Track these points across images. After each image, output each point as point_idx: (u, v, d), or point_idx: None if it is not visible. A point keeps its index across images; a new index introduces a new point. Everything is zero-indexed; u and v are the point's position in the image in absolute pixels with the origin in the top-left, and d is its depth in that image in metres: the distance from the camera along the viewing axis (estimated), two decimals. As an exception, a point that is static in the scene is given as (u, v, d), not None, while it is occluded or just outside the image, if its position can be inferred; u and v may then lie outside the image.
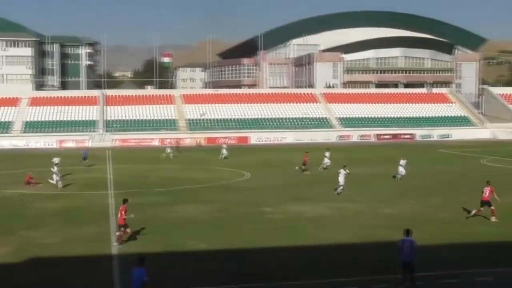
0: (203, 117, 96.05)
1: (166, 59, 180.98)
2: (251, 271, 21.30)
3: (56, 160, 47.68)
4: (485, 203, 29.82)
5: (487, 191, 30.15)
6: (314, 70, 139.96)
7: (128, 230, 25.29)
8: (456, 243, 25.09)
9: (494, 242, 25.22)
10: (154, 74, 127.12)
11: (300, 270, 21.34)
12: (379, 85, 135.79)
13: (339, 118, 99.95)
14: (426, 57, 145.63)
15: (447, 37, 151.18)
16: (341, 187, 38.24)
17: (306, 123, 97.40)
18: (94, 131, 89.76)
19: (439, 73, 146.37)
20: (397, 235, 25.87)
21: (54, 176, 43.00)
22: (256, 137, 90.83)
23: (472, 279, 20.04)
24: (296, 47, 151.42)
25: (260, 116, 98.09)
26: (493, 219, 29.43)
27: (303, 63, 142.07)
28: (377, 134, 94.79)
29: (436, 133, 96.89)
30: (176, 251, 24.06)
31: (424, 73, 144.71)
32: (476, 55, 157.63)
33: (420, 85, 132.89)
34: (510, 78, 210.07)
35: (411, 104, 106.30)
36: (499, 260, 22.35)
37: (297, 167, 51.56)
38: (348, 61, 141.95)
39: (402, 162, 46.40)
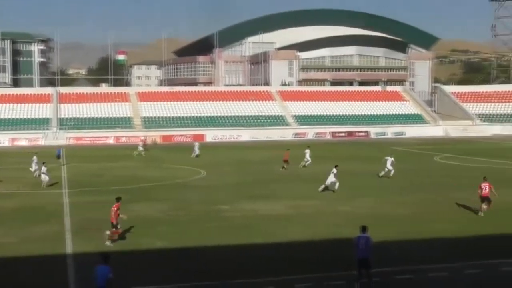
0: None
1: (121, 57, 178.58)
2: (207, 269, 21.20)
3: (35, 158, 47.36)
4: (485, 198, 30.30)
5: (486, 187, 30.60)
6: (269, 68, 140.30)
7: (120, 229, 24.95)
8: (412, 239, 25.37)
9: (449, 238, 25.59)
10: (109, 72, 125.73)
11: (256, 268, 21.32)
12: (334, 83, 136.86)
13: (295, 115, 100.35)
14: (380, 55, 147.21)
15: (401, 36, 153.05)
16: (334, 186, 37.84)
17: (261, 121, 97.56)
18: (47, 129, 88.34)
19: (393, 71, 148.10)
20: (354, 233, 26.02)
21: (43, 175, 41.92)
22: (212, 135, 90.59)
23: (426, 275, 20.28)
24: (251, 45, 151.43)
25: (215, 114, 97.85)
26: (480, 213, 30.03)
27: (259, 61, 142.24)
28: (333, 132, 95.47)
29: (390, 131, 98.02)
30: (132, 249, 23.83)
31: (378, 71, 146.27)
32: (429, 54, 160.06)
33: (375, 83, 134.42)
34: (462, 77, 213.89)
35: (365, 102, 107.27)
36: (453, 256, 22.68)
37: (285, 166, 50.93)
38: (303, 59, 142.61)
39: (389, 159, 45.50)
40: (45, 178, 41.38)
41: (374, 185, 41.60)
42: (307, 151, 53.08)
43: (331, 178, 37.88)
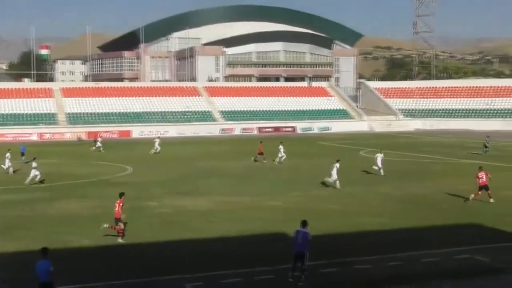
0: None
1: (44, 51, 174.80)
2: (136, 265, 21.06)
3: (8, 155, 46.51)
4: (483, 187, 31.96)
5: (483, 176, 32.15)
6: (196, 63, 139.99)
7: (122, 225, 24.70)
8: (341, 233, 25.80)
9: (376, 231, 26.18)
10: (32, 67, 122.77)
11: (185, 263, 21.29)
12: (261, 78, 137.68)
13: (222, 111, 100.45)
14: (306, 51, 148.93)
15: (326, 33, 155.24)
16: (334, 181, 37.78)
17: (188, 116, 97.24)
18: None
19: (319, 67, 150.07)
20: (281, 227, 26.47)
21: (33, 171, 40.38)
22: (138, 131, 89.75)
23: (352, 267, 20.71)
24: (178, 40, 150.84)
25: (142, 110, 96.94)
26: (491, 200, 31.72)
27: (185, 56, 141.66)
28: (259, 127, 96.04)
29: (316, 126, 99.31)
30: (59, 248, 23.36)
31: (304, 67, 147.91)
32: (353, 50, 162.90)
33: (301, 79, 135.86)
34: (385, 73, 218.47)
35: (292, 98, 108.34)
36: (379, 248, 23.20)
37: (264, 161, 51.57)
38: (230, 55, 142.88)
39: (379, 156, 44.71)
40: (34, 173, 40.09)
41: (303, 180, 42.03)
42: (281, 147, 52.82)
43: (334, 175, 37.72)
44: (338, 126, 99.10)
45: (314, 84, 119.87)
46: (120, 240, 24.30)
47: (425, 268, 20.55)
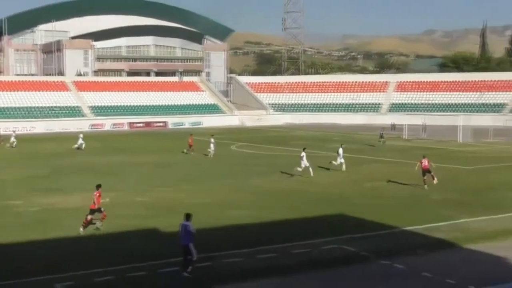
0: None
1: None
2: (5, 267, 20.16)
3: None
4: (426, 171, 35.68)
5: (425, 161, 36.03)
6: (64, 57, 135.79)
7: (105, 212, 25.61)
8: (209, 227, 25.84)
9: (246, 224, 26.50)
10: None
11: (55, 263, 20.63)
12: (131, 73, 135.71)
13: (91, 106, 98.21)
14: (176, 46, 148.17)
15: (197, 27, 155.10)
16: (301, 170, 39.84)
17: (56, 112, 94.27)
18: None
19: (190, 62, 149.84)
20: (151, 223, 26.31)
21: None
22: (2, 127, 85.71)
23: (223, 260, 20.85)
24: (44, 33, 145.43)
25: (6, 105, 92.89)
26: (435, 181, 35.20)
27: (52, 50, 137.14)
28: (130, 123, 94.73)
29: (188, 121, 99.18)
30: None
31: (175, 62, 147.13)
32: (224, 45, 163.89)
33: (172, 73, 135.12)
34: (256, 68, 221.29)
35: (163, 93, 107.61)
36: (250, 241, 23.48)
37: (185, 150, 54.45)
38: (99, 49, 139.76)
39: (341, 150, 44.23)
40: None
41: (172, 174, 41.91)
42: (212, 140, 53.87)
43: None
44: (209, 121, 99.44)
45: (185, 79, 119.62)
46: (98, 226, 25.35)
47: (296, 259, 21.03)
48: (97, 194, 25.66)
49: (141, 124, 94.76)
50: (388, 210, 28.99)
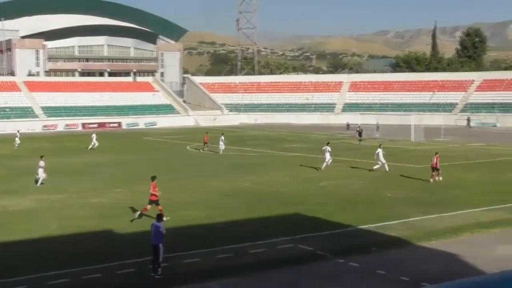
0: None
1: None
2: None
3: None
4: (435, 168, 37.59)
5: (434, 159, 37.64)
6: (14, 57, 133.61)
7: (149, 207, 26.55)
8: (168, 226, 25.69)
9: (200, 225, 26.45)
10: None
11: (8, 266, 20.29)
12: (84, 73, 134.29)
13: (43, 107, 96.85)
14: (130, 46, 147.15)
15: (150, 27, 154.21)
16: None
17: (7, 113, 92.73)
18: None
19: (144, 62, 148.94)
20: (106, 224, 26.08)
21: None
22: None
23: (181, 261, 20.79)
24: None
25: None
26: (440, 178, 37.38)
27: (2, 49, 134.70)
28: (84, 123, 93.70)
29: (142, 121, 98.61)
30: None
31: (128, 62, 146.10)
32: (178, 45, 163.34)
33: (126, 73, 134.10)
34: (210, 68, 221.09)
35: (117, 93, 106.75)
36: (208, 241, 23.46)
37: (201, 150, 56.65)
38: (51, 49, 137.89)
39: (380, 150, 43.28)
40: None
41: (126, 175, 41.60)
42: (222, 137, 55.92)
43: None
44: (164, 121, 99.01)
45: (139, 79, 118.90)
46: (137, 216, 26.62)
47: (253, 259, 21.10)
48: (155, 187, 26.82)
49: (95, 125, 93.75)
50: (343, 209, 29.27)
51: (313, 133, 61.46)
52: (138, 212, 26.73)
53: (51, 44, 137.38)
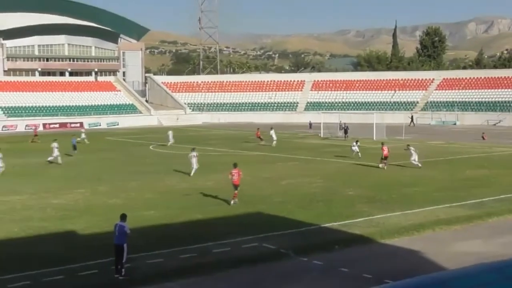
0: None
1: None
2: None
3: None
4: (386, 158, 41.90)
5: (385, 149, 42.07)
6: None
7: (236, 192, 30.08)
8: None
9: (165, 224, 26.32)
10: None
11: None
12: (44, 73, 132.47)
13: (3, 107, 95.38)
14: (91, 45, 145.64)
15: (111, 26, 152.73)
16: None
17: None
18: None
19: (105, 61, 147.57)
20: (65, 225, 25.80)
21: None
22: None
23: (143, 261, 20.66)
24: None
25: None
26: (385, 167, 41.73)
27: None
28: (45, 124, 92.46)
29: (104, 121, 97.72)
30: None
31: (90, 61, 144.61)
32: (140, 44, 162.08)
33: (87, 73, 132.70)
34: (172, 67, 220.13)
35: (78, 93, 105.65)
36: (169, 241, 23.33)
37: (262, 143, 60.78)
38: (9, 48, 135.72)
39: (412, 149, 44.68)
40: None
41: (86, 176, 41.19)
42: (272, 131, 61.21)
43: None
44: (126, 121, 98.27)
45: (101, 78, 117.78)
46: (233, 202, 29.96)
47: (217, 258, 21.06)
48: (240, 172, 30.82)
49: (56, 125, 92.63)
50: (305, 208, 29.38)
51: (276, 132, 61.57)
52: (232, 201, 30.01)
53: (9, 43, 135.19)
